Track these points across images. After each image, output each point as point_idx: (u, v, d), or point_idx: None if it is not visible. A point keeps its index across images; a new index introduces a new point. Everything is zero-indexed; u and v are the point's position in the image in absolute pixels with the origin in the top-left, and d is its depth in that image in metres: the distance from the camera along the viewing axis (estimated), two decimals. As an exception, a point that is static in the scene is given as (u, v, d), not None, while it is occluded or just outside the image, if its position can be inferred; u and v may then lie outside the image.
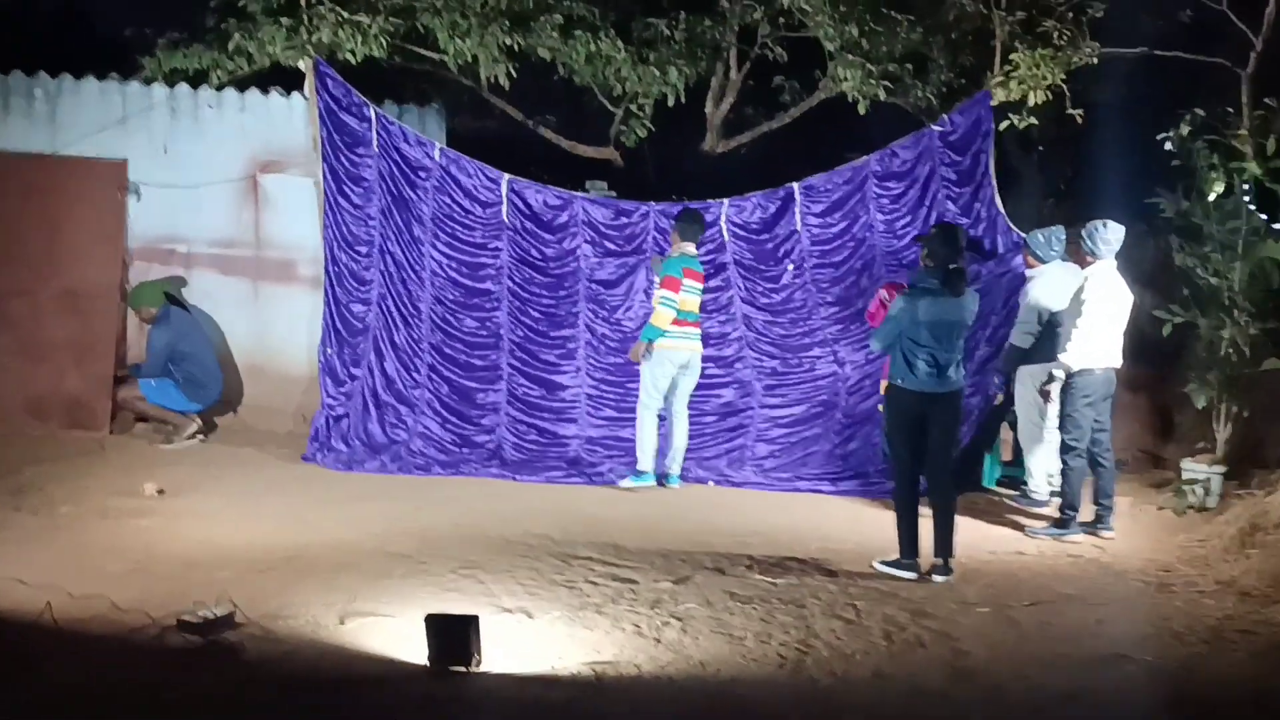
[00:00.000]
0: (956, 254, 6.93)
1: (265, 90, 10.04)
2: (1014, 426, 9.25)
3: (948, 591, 6.61)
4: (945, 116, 9.64)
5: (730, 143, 11.72)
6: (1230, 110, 8.37)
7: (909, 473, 7.04)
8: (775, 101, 11.61)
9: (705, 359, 9.47)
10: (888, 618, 6.12)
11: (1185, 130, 8.36)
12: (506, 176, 9.59)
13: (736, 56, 11.24)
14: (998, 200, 9.57)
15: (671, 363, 8.95)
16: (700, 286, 9.05)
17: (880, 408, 8.14)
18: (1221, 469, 8.86)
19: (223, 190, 10.04)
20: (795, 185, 9.67)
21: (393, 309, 9.51)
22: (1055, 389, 7.87)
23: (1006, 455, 9.66)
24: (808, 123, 11.70)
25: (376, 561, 6.66)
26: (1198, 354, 9.03)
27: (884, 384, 7.44)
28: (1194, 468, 8.87)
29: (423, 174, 9.54)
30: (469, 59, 9.83)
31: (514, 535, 7.34)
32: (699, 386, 9.36)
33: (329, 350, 9.48)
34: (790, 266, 9.69)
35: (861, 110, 9.94)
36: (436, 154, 9.54)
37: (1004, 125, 8.72)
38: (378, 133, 9.48)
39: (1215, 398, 8.83)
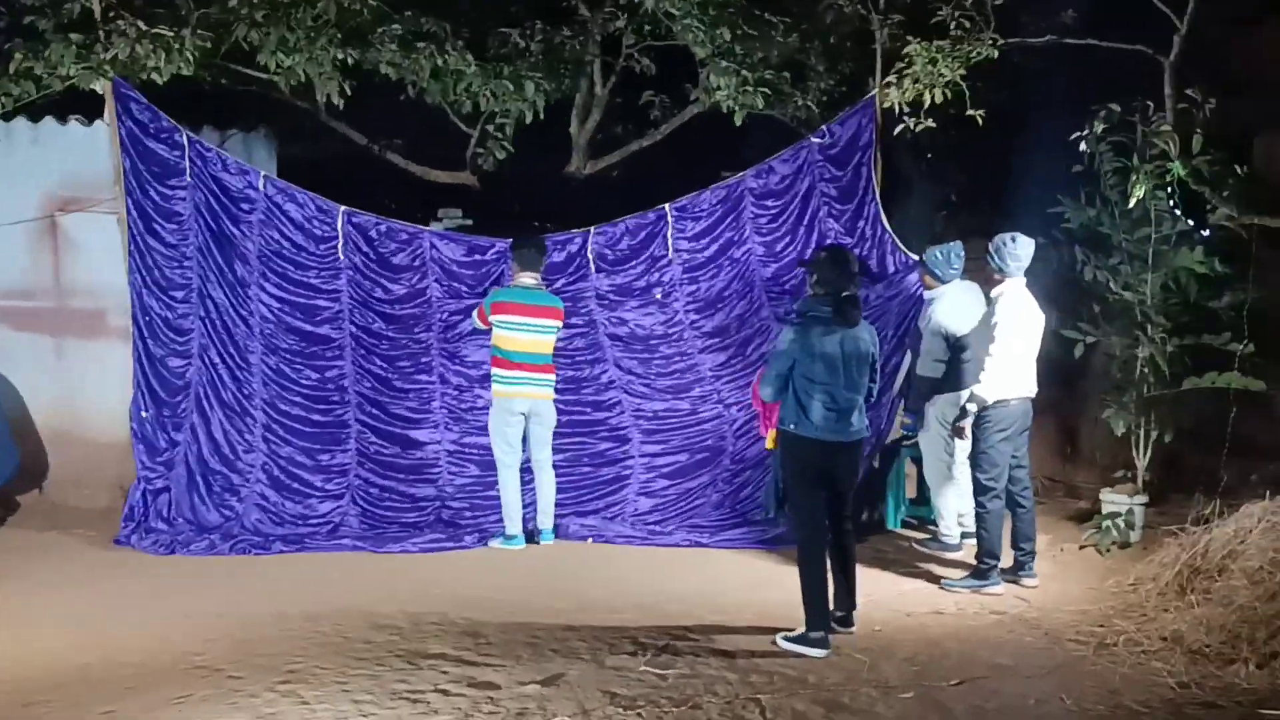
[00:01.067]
0: (848, 279, 6.09)
1: (64, 118, 8.77)
2: (917, 461, 8.43)
3: (864, 672, 5.67)
4: (824, 127, 8.80)
5: (599, 164, 10.76)
6: (1149, 104, 7.61)
7: (815, 528, 6.13)
8: (645, 118, 10.71)
9: (577, 404, 8.50)
10: (799, 715, 5.15)
11: (1100, 128, 7.59)
12: (342, 209, 8.47)
13: (601, 70, 10.29)
14: (883, 218, 8.76)
15: (509, 411, 7.94)
16: (550, 325, 8.01)
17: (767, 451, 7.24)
18: (1143, 499, 8.15)
19: (15, 233, 8.72)
20: (667, 206, 8.74)
21: (216, 361, 8.30)
22: (969, 424, 7.02)
23: (911, 491, 8.84)
24: (683, 141, 10.81)
25: (177, 679, 5.48)
26: (1112, 375, 8.31)
27: (771, 433, 6.50)
28: (1114, 499, 8.14)
29: (246, 207, 8.37)
30: (301, 78, 8.71)
31: (355, 629, 6.20)
32: (570, 434, 8.36)
33: (143, 413, 8.23)
34: (658, 293, 8.73)
35: (738, 121, 9.04)
36: (262, 184, 8.37)
37: (897, 130, 7.88)
38: (191, 160, 8.28)
39: (1134, 423, 8.11)
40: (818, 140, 8.76)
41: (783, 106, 9.68)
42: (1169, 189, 7.49)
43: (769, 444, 6.57)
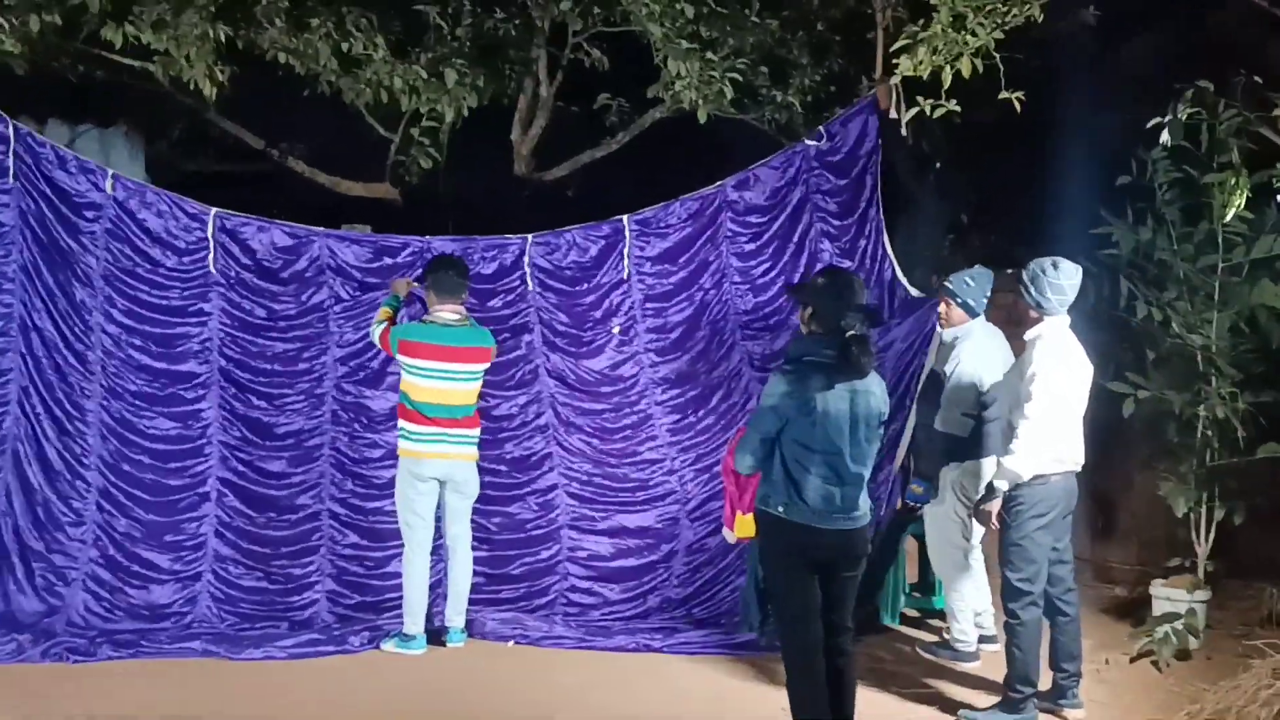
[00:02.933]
0: (855, 313, 4.55)
1: None
2: (920, 538, 6.79)
3: None
4: (821, 128, 7.19)
5: (546, 175, 9.15)
6: (1256, 79, 5.91)
7: (808, 639, 4.66)
8: (601, 125, 9.10)
9: (499, 460, 6.82)
10: None
11: (1184, 112, 5.93)
12: (214, 211, 6.78)
13: (547, 66, 8.68)
14: (886, 239, 7.17)
15: (417, 477, 6.26)
16: (474, 370, 6.33)
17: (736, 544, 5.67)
18: (1205, 594, 6.51)
19: None
20: (625, 218, 7.08)
21: (39, 411, 6.56)
22: (996, 506, 5.36)
23: (912, 573, 7.17)
24: (648, 153, 9.22)
25: None
26: (1166, 438, 6.67)
27: (740, 516, 5.04)
28: (1169, 595, 6.53)
29: (90, 214, 6.65)
30: (179, 65, 7.05)
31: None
32: (490, 500, 6.69)
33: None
34: (615, 327, 7.08)
35: (702, 117, 7.40)
36: (109, 184, 6.66)
37: (910, 116, 6.20)
38: (17, 156, 6.57)
39: (1194, 499, 6.47)
40: (814, 144, 7.14)
41: (758, 108, 8.10)
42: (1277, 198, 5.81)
43: (734, 534, 5.06)
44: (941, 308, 6.17)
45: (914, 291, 6.95)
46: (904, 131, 6.67)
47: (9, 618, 6.35)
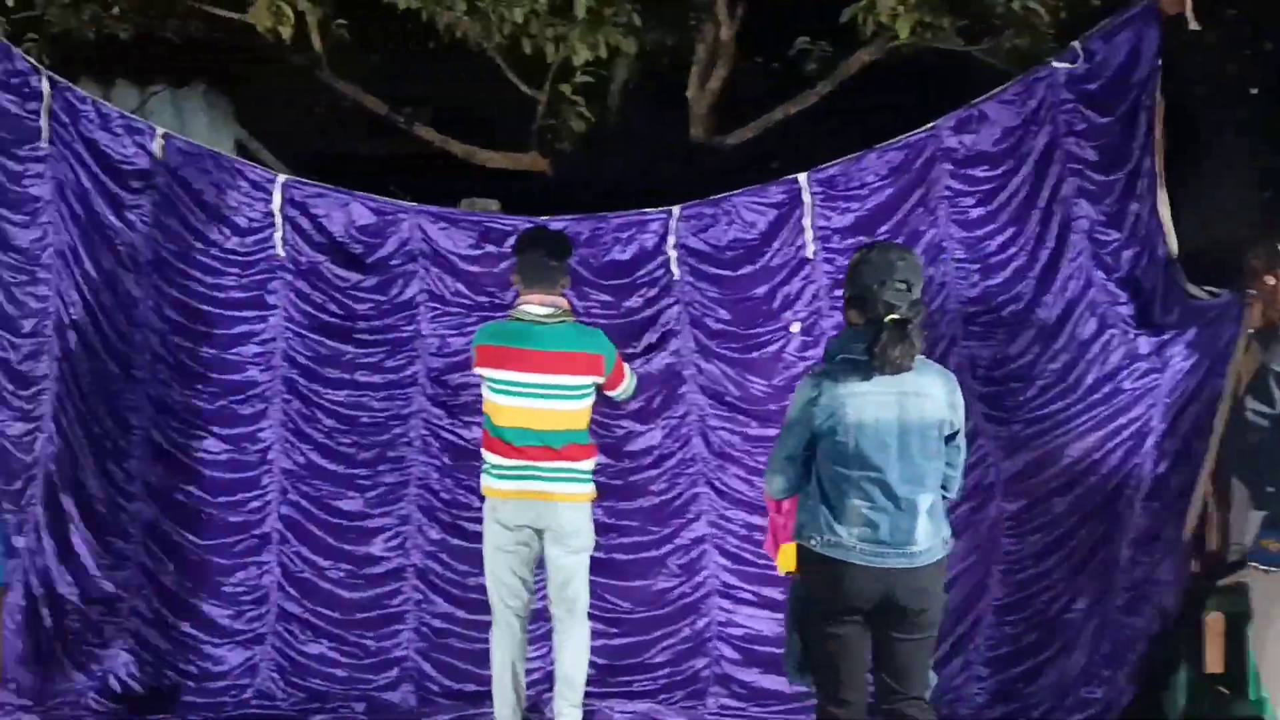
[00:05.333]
0: (899, 293, 3.78)
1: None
2: (1236, 618, 4.76)
3: None
4: (1076, 44, 5.25)
5: (728, 139, 7.47)
6: None
7: (837, 711, 3.85)
8: (794, 74, 7.35)
9: (635, 510, 5.21)
10: None
11: None
12: (282, 178, 5.40)
13: (728, 3, 7.00)
14: (1164, 205, 5.16)
15: (502, 524, 4.67)
16: (574, 385, 4.66)
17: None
18: None
19: None
20: (803, 177, 5.30)
21: (78, 428, 5.31)
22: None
23: (1214, 661, 5.09)
24: (854, 106, 7.44)
25: None
26: None
27: (784, 548, 4.16)
28: None
29: (137, 183, 5.36)
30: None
31: None
32: (616, 560, 5.11)
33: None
34: (794, 325, 5.32)
35: (902, 32, 5.62)
36: (158, 147, 5.36)
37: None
38: (55, 116, 5.35)
39: None
40: (1064, 66, 5.19)
41: (993, 35, 6.21)
42: None
43: (782, 566, 4.22)
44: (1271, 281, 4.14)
45: (1194, 291, 5.01)
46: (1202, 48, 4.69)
47: (35, 687, 5.13)
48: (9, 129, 5.37)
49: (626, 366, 4.84)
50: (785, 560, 4.15)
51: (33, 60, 5.45)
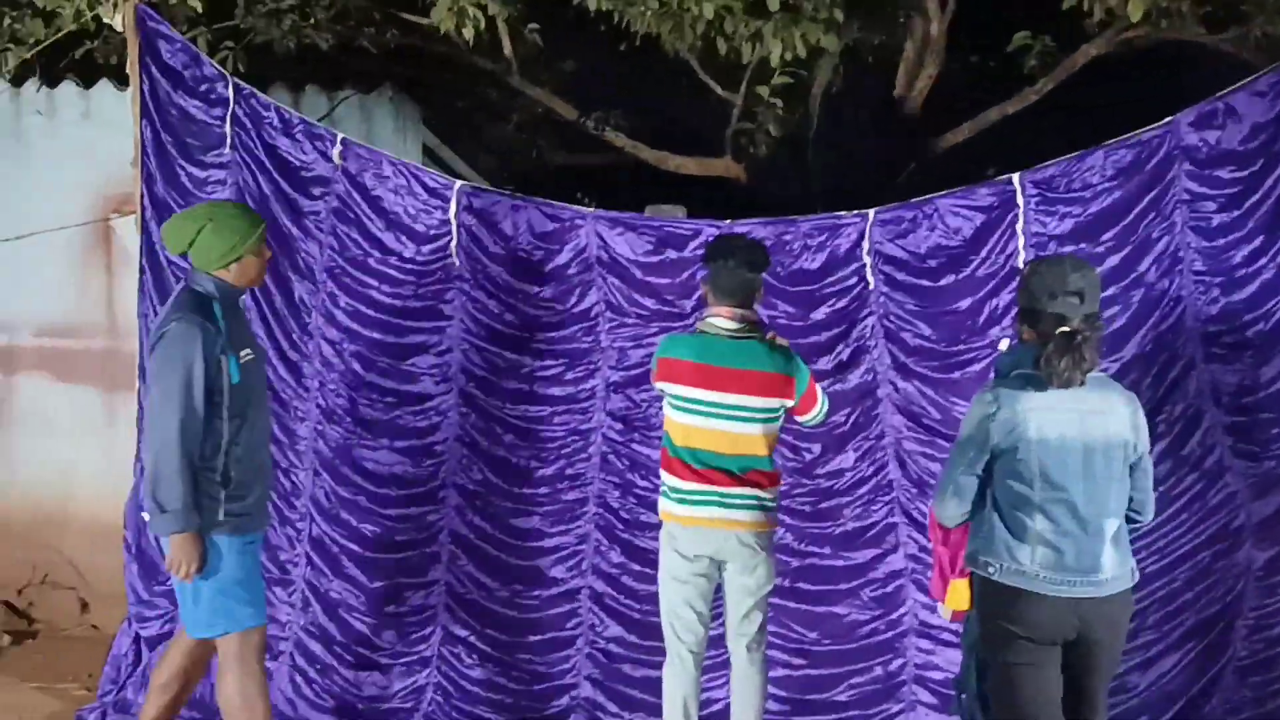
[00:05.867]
0: (1073, 306, 3.60)
1: (122, 82, 6.10)
2: None
3: None
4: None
5: (940, 141, 6.97)
6: None
7: None
8: (1011, 71, 6.80)
9: (824, 537, 4.78)
10: None
11: None
12: (459, 184, 5.19)
13: (938, -2, 6.52)
14: None
15: (680, 553, 4.30)
16: (762, 406, 4.27)
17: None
18: None
19: (58, 244, 6.16)
20: (1017, 178, 4.76)
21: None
22: None
23: None
24: (1080, 106, 6.89)
25: None
26: None
27: (953, 583, 3.84)
28: None
29: (316, 190, 5.25)
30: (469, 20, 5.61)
31: None
32: (802, 592, 4.71)
33: (144, 515, 5.27)
34: (1003, 342, 4.76)
35: (1134, 13, 5.02)
36: (337, 153, 5.24)
37: None
38: (236, 121, 5.29)
39: None
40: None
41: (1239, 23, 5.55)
42: None
43: (947, 608, 3.92)
44: None
45: None
46: None
47: (202, 700, 5.04)
48: (196, 135, 5.32)
49: (819, 389, 4.42)
50: (956, 598, 3.85)
51: (218, 66, 5.42)
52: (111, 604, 5.87)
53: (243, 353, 4.15)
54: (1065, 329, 3.56)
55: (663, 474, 4.36)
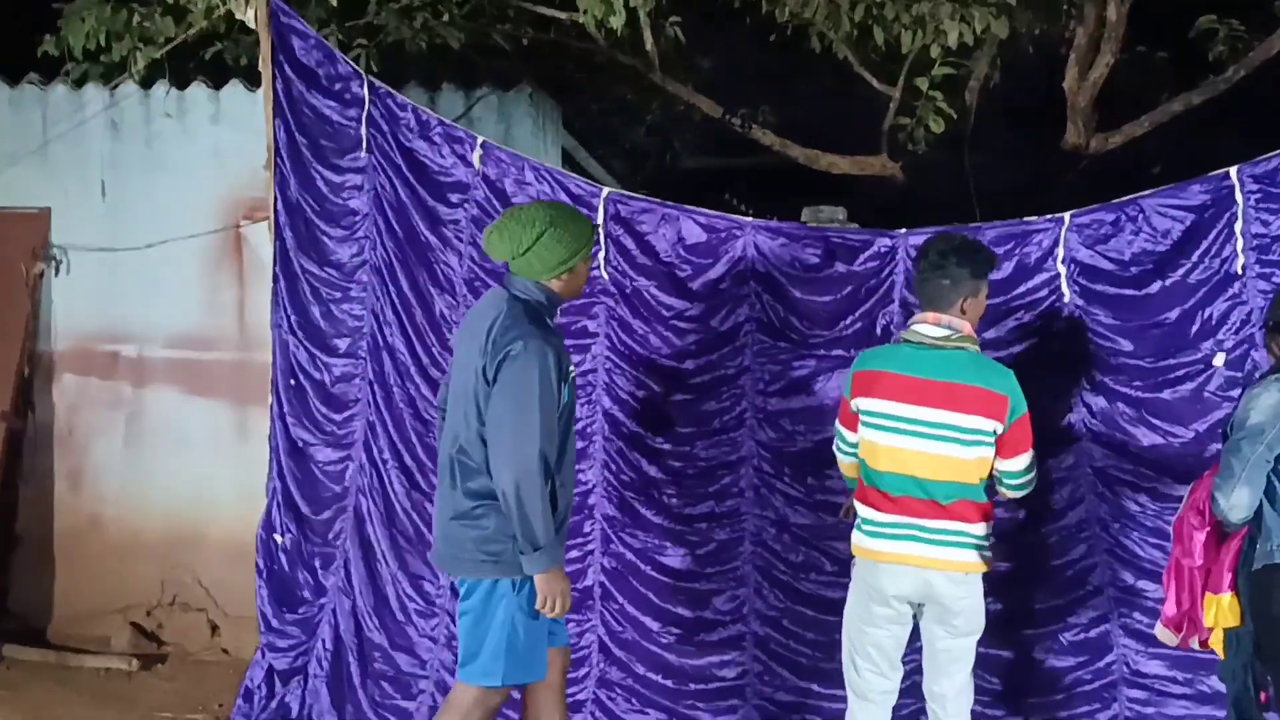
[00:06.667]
0: None
1: (253, 83, 5.87)
2: None
3: None
4: None
5: (1114, 136, 6.42)
6: None
7: None
8: (1196, 60, 6.25)
9: (1038, 573, 4.31)
10: None
11: None
12: (606, 191, 4.82)
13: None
14: None
15: (874, 592, 3.85)
16: (969, 426, 3.77)
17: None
18: None
19: (189, 252, 5.97)
20: (1234, 172, 4.22)
21: (388, 457, 4.92)
22: None
23: None
24: (1266, 96, 6.31)
25: None
26: None
27: (1213, 599, 3.56)
28: None
29: (455, 196, 4.93)
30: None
31: None
32: (1005, 637, 4.21)
33: (278, 537, 5.04)
34: (1218, 356, 4.26)
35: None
36: (477, 157, 4.90)
37: None
38: (372, 122, 5.00)
39: None
40: None
41: None
42: None
43: (1215, 623, 3.56)
44: None
45: None
46: None
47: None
48: (330, 138, 5.07)
49: (1032, 437, 3.85)
50: (1227, 614, 3.48)
51: (354, 64, 5.14)
52: (242, 627, 5.69)
53: (570, 370, 3.77)
54: None
55: (857, 507, 3.92)
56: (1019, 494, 3.91)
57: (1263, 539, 3.46)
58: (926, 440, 3.77)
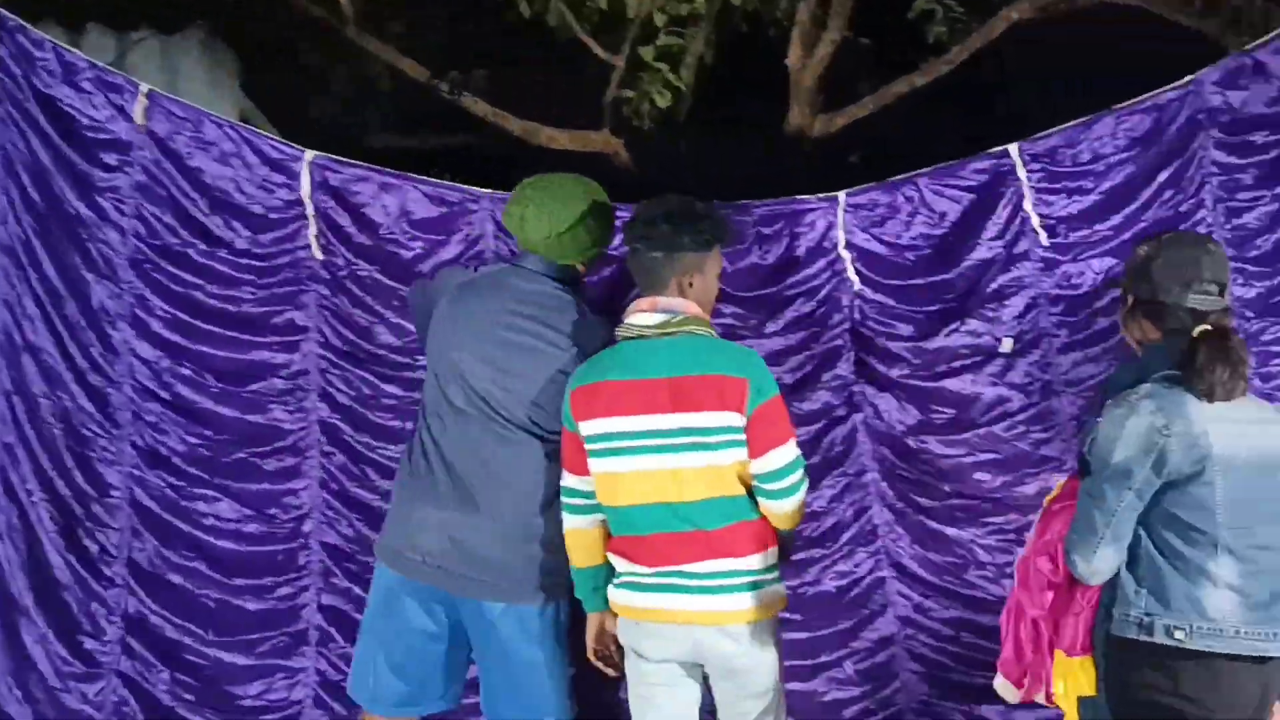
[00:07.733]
0: (1210, 295, 2.89)
1: None
2: None
3: None
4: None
5: (836, 118, 6.15)
6: None
7: None
8: (919, 44, 6.09)
9: (797, 595, 3.82)
10: None
11: None
12: (310, 155, 3.97)
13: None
14: None
15: (640, 657, 3.19)
16: (696, 425, 3.05)
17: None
18: None
19: None
20: (1014, 149, 3.92)
21: (32, 488, 3.91)
22: None
23: None
24: (997, 83, 6.26)
25: None
26: None
27: (1064, 660, 2.98)
28: None
29: (112, 158, 3.95)
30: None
31: None
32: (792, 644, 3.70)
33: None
34: (1008, 343, 3.96)
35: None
36: (140, 110, 3.94)
37: None
38: (3, 64, 3.95)
39: None
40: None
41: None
42: None
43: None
44: None
45: None
46: None
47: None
48: (-60, 82, 3.97)
49: (790, 426, 3.18)
50: (1079, 681, 2.95)
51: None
52: None
53: None
54: (1207, 327, 2.84)
55: (611, 559, 3.23)
56: (787, 510, 3.16)
57: (1118, 604, 2.85)
58: (666, 454, 3.05)
